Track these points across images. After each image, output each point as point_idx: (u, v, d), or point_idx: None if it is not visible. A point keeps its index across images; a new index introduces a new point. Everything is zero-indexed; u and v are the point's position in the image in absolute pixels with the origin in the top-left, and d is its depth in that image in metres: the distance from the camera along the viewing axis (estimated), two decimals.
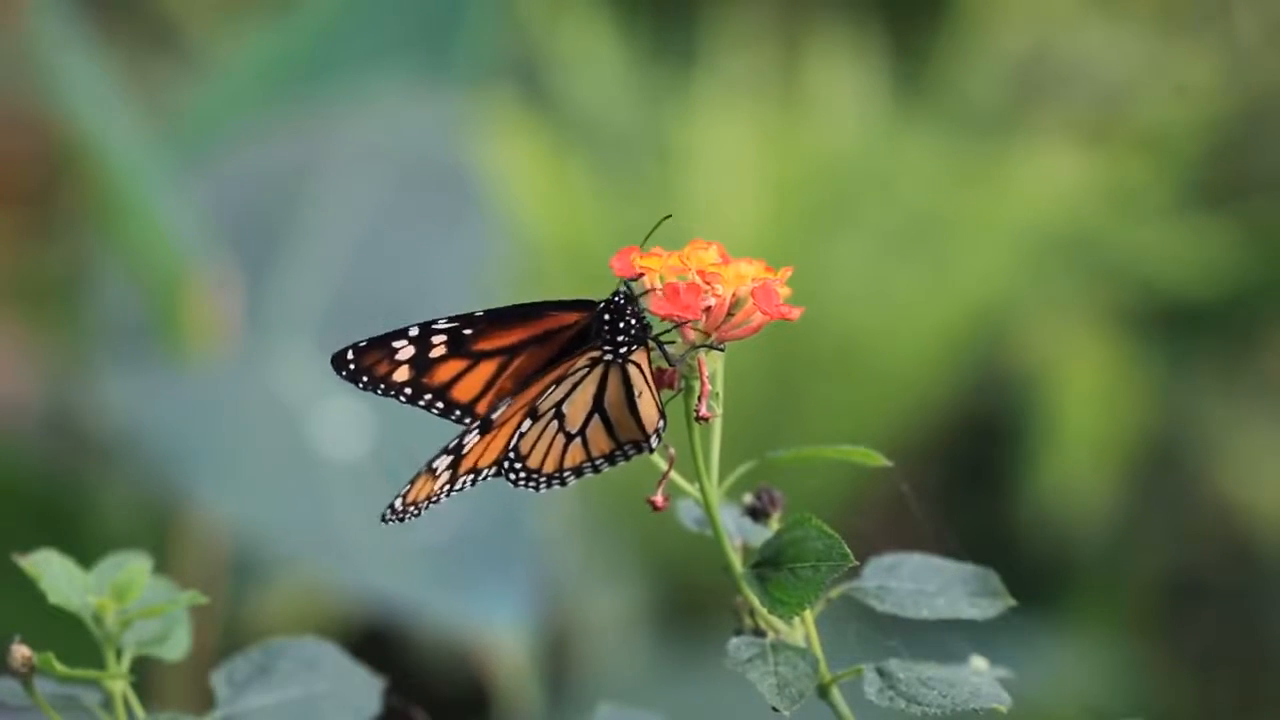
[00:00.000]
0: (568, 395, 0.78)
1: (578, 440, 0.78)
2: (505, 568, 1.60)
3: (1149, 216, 2.30)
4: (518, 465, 0.78)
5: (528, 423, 0.78)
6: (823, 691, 0.76)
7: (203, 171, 1.87)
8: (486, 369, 0.79)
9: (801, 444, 0.78)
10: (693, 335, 0.76)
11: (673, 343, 0.77)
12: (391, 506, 0.78)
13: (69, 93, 1.77)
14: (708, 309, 0.76)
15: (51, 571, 0.78)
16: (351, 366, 0.80)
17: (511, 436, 0.78)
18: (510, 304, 0.79)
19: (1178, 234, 2.28)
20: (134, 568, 0.78)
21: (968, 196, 2.22)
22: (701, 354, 0.76)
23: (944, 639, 0.81)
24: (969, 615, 0.78)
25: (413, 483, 0.78)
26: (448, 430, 0.78)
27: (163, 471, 1.72)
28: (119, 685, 0.78)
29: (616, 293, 0.77)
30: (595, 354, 0.77)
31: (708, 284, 0.75)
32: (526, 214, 2.08)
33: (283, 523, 1.65)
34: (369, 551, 1.62)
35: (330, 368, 0.80)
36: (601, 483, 0.77)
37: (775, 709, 0.73)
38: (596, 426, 0.78)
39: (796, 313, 0.76)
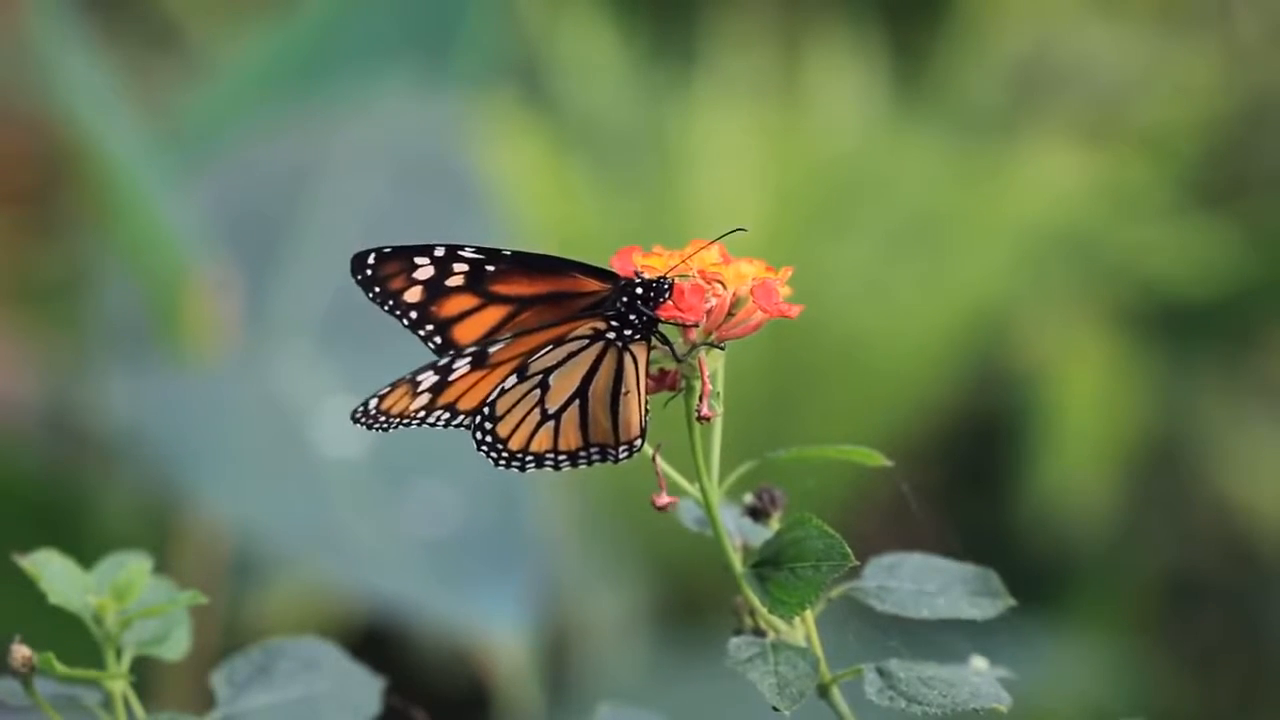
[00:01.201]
0: (560, 364, 0.76)
1: (550, 424, 0.77)
2: (505, 568, 1.60)
3: (1149, 216, 2.30)
4: (487, 425, 0.76)
5: (513, 379, 0.76)
6: (823, 691, 0.77)
7: (203, 171, 1.87)
8: (494, 314, 0.78)
9: (802, 444, 0.78)
10: (694, 334, 0.76)
11: (672, 342, 0.77)
12: (365, 406, 0.76)
13: (69, 93, 1.77)
14: (709, 309, 0.76)
15: (51, 571, 0.78)
16: (369, 273, 0.78)
17: (494, 389, 0.77)
18: (539, 252, 0.78)
19: (1178, 234, 2.28)
20: (134, 568, 0.78)
21: (968, 196, 2.22)
22: (702, 353, 0.76)
23: (944, 639, 0.81)
24: (969, 615, 0.78)
25: (393, 388, 0.76)
26: (445, 432, 0.78)
27: (163, 471, 1.72)
28: (119, 685, 0.78)
29: (657, 279, 0.76)
30: (600, 325, 0.76)
31: (709, 284, 0.76)
32: (526, 214, 2.08)
33: (283, 523, 1.65)
34: (369, 551, 1.62)
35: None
36: (601, 482, 0.77)
37: (775, 709, 0.73)
38: (572, 415, 0.77)
39: (796, 310, 0.76)
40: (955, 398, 2.23)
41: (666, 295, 0.76)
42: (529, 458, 0.77)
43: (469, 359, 0.76)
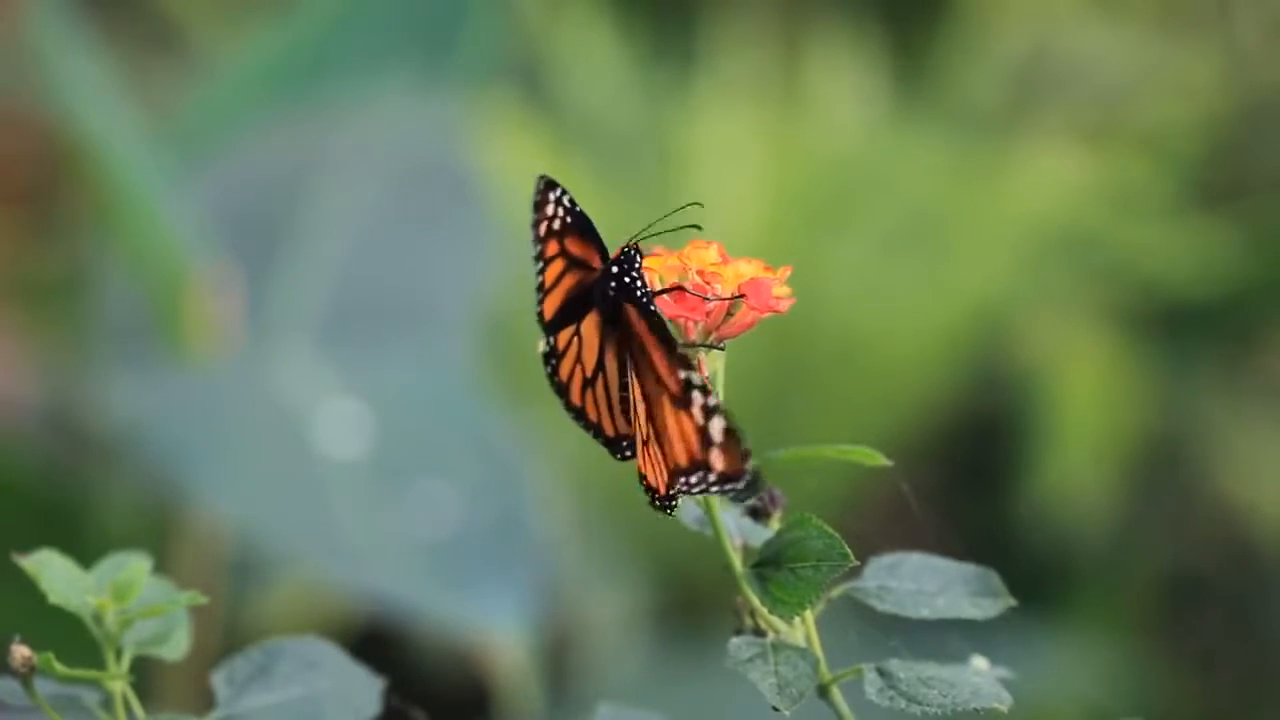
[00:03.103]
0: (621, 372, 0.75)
1: (654, 441, 0.72)
2: (506, 567, 1.60)
3: (1149, 216, 2.30)
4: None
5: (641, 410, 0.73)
6: (823, 691, 0.76)
7: (203, 171, 1.87)
8: (568, 280, 0.78)
9: (802, 443, 0.78)
10: (694, 334, 0.76)
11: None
12: (668, 493, 0.71)
13: (69, 92, 1.77)
14: (709, 309, 0.76)
15: (51, 571, 0.78)
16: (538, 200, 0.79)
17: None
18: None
19: (1178, 234, 2.28)
20: (134, 568, 0.78)
21: (968, 196, 2.22)
22: (701, 353, 0.76)
23: (944, 639, 0.81)
24: (969, 615, 0.78)
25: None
26: (446, 430, 0.78)
27: (163, 471, 1.72)
28: (119, 685, 0.78)
29: (625, 248, 0.76)
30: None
31: (707, 284, 0.75)
32: (527, 214, 2.08)
33: (283, 523, 1.65)
34: (369, 551, 1.62)
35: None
36: (601, 483, 0.77)
37: (775, 709, 0.73)
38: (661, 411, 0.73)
39: (785, 305, 0.76)
40: (955, 397, 2.23)
41: (639, 261, 0.76)
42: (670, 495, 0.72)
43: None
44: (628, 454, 0.74)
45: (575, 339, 0.76)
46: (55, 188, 2.26)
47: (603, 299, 0.75)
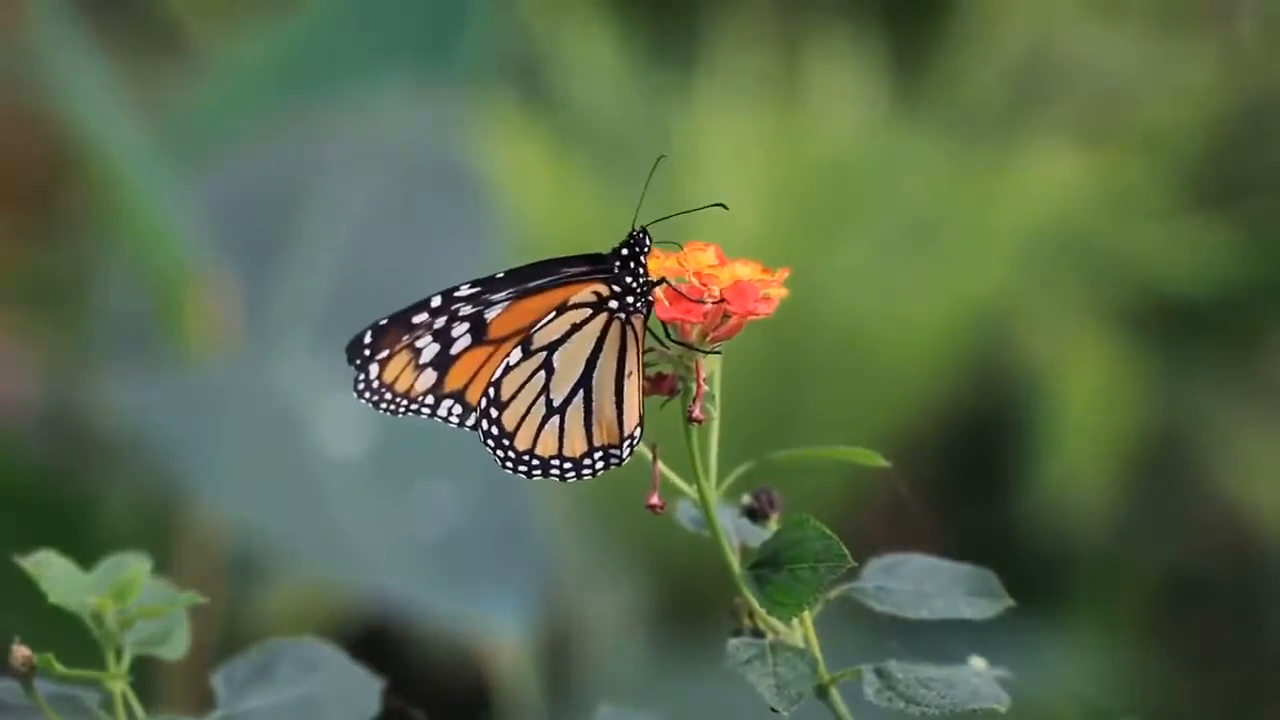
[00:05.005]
0: (565, 339, 0.76)
1: (555, 420, 0.76)
2: (506, 567, 1.60)
3: (1149, 216, 2.30)
4: (493, 412, 0.76)
5: (518, 354, 0.76)
6: (821, 692, 0.76)
7: (203, 171, 1.87)
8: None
9: (801, 443, 0.78)
10: (691, 336, 0.76)
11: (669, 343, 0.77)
12: (366, 377, 0.76)
13: (70, 93, 1.77)
14: (706, 311, 0.76)
15: (51, 571, 0.78)
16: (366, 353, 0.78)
17: (498, 368, 0.76)
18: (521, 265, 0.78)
19: (1178, 234, 2.28)
20: (134, 568, 0.79)
21: (968, 197, 2.22)
22: (699, 356, 0.76)
23: (943, 639, 0.81)
24: (968, 615, 0.78)
25: (391, 354, 0.76)
26: (446, 431, 0.78)
27: (163, 471, 1.72)
28: (119, 685, 0.78)
29: (633, 234, 0.77)
30: (603, 289, 0.76)
31: (704, 285, 0.75)
32: (527, 215, 2.08)
33: (283, 522, 1.65)
34: (369, 551, 1.62)
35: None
36: (601, 482, 0.76)
37: (774, 710, 0.73)
38: (577, 412, 0.76)
39: (766, 309, 0.75)
40: (955, 397, 2.23)
41: (649, 246, 0.76)
42: (535, 461, 0.76)
43: (468, 323, 0.76)
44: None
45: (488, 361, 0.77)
46: (57, 189, 2.26)
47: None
